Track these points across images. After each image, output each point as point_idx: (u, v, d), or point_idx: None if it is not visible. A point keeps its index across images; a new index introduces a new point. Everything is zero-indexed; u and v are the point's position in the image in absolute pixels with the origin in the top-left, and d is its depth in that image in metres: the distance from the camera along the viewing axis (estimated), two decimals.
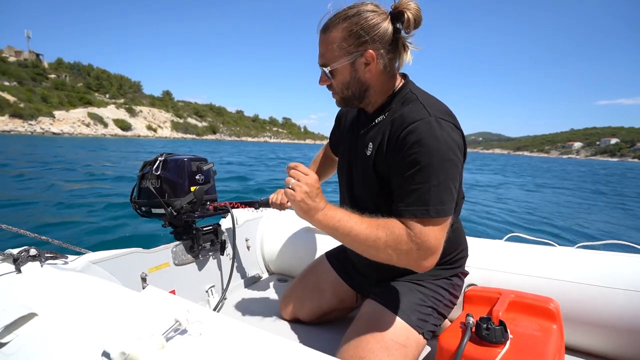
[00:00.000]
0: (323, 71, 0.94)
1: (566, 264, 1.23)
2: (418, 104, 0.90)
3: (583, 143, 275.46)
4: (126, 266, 1.16)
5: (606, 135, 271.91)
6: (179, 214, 1.34)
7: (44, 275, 0.81)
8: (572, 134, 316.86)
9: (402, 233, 0.81)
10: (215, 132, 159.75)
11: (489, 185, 13.96)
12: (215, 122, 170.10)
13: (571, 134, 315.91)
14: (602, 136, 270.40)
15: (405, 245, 0.81)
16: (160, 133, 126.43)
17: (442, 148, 0.82)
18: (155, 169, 1.34)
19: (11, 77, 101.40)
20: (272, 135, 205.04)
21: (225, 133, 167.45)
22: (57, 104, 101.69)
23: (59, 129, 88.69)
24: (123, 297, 0.70)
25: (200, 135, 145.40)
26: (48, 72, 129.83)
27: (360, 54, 0.89)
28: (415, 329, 0.96)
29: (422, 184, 0.81)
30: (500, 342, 0.82)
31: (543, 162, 69.94)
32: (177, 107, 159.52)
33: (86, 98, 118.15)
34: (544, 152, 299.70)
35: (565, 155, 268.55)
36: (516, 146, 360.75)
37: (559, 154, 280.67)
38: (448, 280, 1.07)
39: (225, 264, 1.61)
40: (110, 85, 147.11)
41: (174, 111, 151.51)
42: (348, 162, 1.11)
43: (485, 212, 7.29)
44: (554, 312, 0.96)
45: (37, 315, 0.66)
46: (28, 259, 0.84)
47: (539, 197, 10.91)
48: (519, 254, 1.32)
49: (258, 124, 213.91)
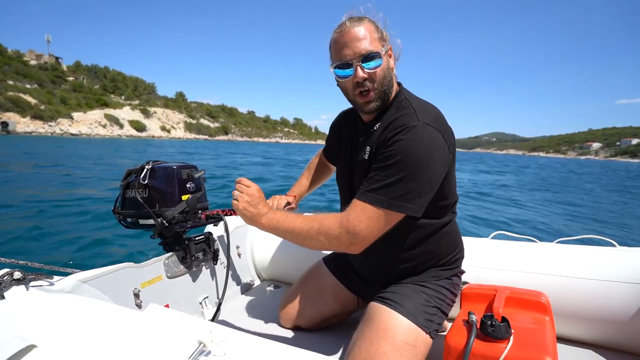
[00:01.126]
0: (366, 59, 0.92)
1: (549, 258, 1.30)
2: (410, 110, 0.93)
3: (602, 143, 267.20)
4: (118, 283, 1.10)
5: (627, 135, 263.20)
6: (170, 224, 1.27)
7: (32, 300, 0.75)
8: (591, 134, 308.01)
9: (333, 222, 0.88)
10: (227, 133, 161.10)
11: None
12: (227, 122, 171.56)
13: (589, 134, 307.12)
14: (622, 136, 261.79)
15: (335, 231, 0.88)
16: (173, 134, 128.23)
17: (419, 150, 0.85)
18: (142, 177, 1.26)
19: (32, 79, 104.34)
20: (283, 135, 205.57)
21: (237, 134, 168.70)
22: (75, 106, 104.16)
23: (77, 130, 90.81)
24: (125, 318, 0.66)
25: (213, 136, 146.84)
26: (67, 75, 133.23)
27: (386, 48, 0.95)
28: (423, 329, 0.99)
29: (389, 177, 0.85)
30: (505, 337, 0.84)
31: (562, 164, 68.59)
32: (190, 108, 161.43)
33: (103, 100, 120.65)
34: (561, 153, 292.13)
35: (583, 156, 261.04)
36: (531, 147, 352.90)
37: (577, 154, 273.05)
38: (449, 280, 1.11)
39: (218, 274, 1.57)
40: (126, 87, 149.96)
41: (187, 112, 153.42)
42: (349, 170, 1.14)
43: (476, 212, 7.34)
44: (545, 305, 1.01)
45: (36, 346, 0.59)
46: (12, 283, 0.77)
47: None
48: (505, 251, 1.37)
49: (269, 124, 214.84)
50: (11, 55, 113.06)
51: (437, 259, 1.08)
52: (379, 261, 1.01)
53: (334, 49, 0.97)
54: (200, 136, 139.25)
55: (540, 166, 45.23)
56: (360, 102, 0.99)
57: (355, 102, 1.02)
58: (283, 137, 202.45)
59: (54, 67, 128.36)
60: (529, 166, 43.10)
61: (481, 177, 19.36)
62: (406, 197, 0.85)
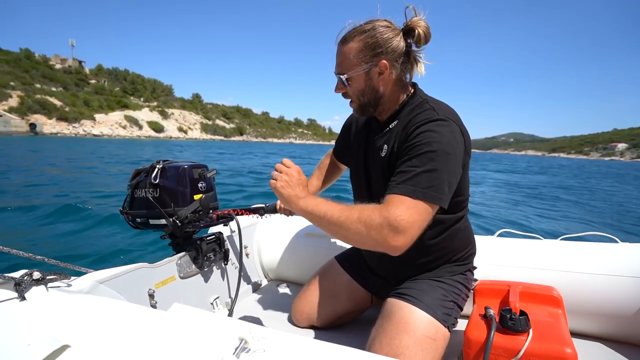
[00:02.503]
0: (340, 79, 1.00)
1: (555, 255, 1.33)
2: (428, 107, 0.97)
3: (628, 144, 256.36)
4: (133, 283, 1.11)
5: None
6: (182, 224, 1.27)
7: (53, 301, 0.74)
8: (616, 134, 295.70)
9: (374, 211, 0.85)
10: (242, 134, 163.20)
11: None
12: (242, 123, 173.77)
13: (614, 134, 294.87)
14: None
15: (376, 221, 0.83)
16: (190, 134, 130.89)
17: (444, 141, 0.87)
18: (153, 177, 1.26)
19: (57, 82, 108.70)
20: (297, 136, 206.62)
21: (251, 134, 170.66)
22: (97, 108, 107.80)
23: (99, 131, 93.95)
24: (151, 319, 0.66)
25: (228, 137, 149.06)
26: (89, 78, 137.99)
27: (374, 64, 0.96)
28: (442, 322, 1.01)
29: (417, 167, 0.86)
30: (525, 330, 0.86)
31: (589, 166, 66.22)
32: (206, 109, 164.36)
33: (123, 101, 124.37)
34: (583, 154, 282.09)
35: (607, 157, 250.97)
36: (551, 147, 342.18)
37: (600, 155, 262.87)
38: (463, 275, 1.14)
39: (229, 274, 1.58)
40: (145, 89, 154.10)
41: (203, 113, 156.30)
42: (365, 167, 1.15)
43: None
44: (558, 298, 1.03)
45: (69, 347, 0.59)
46: (32, 283, 0.76)
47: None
48: (511, 249, 1.40)
49: (284, 125, 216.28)
50: (38, 60, 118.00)
51: (452, 254, 1.11)
52: (397, 257, 1.01)
53: None
54: (216, 137, 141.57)
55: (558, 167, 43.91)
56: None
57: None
58: (297, 138, 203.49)
59: (77, 71, 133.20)
60: (552, 166, 42.19)
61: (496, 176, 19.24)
62: (438, 187, 0.86)
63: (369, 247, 0.87)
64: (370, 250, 0.94)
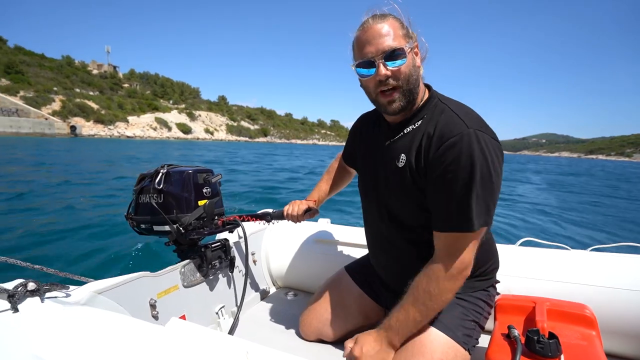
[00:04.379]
0: (390, 56, 0.87)
1: (584, 267, 1.21)
2: (453, 115, 0.89)
3: None
4: (134, 293, 1.06)
5: None
6: (186, 231, 1.23)
7: (48, 314, 0.70)
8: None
9: (439, 277, 0.84)
10: (266, 135, 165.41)
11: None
12: (266, 124, 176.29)
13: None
14: None
15: (448, 285, 0.85)
16: (216, 136, 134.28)
17: (482, 163, 0.82)
18: (157, 182, 1.22)
19: (94, 87, 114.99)
20: (320, 137, 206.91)
21: (275, 135, 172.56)
22: (130, 110, 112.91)
23: (132, 132, 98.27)
24: (147, 334, 0.63)
25: (253, 138, 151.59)
26: (122, 82, 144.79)
27: (412, 44, 0.90)
28: (462, 345, 0.94)
29: (462, 199, 0.82)
30: (555, 356, 0.77)
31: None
32: (232, 110, 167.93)
33: (153, 104, 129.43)
34: (625, 156, 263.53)
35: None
36: (588, 149, 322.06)
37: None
38: (485, 291, 1.06)
39: (234, 282, 1.52)
40: (173, 92, 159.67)
41: (229, 115, 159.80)
42: (372, 173, 1.09)
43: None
44: (591, 318, 0.93)
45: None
46: (26, 294, 0.73)
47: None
48: (535, 259, 1.30)
49: (307, 126, 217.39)
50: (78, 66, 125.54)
51: (474, 269, 1.00)
52: (414, 272, 0.95)
53: (356, 47, 0.93)
54: (241, 138, 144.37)
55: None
56: (383, 102, 0.94)
57: (378, 102, 0.97)
58: (320, 139, 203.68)
59: (112, 75, 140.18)
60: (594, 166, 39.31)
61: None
62: (487, 213, 0.83)
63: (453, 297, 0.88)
64: (383, 265, 0.91)
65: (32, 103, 67.09)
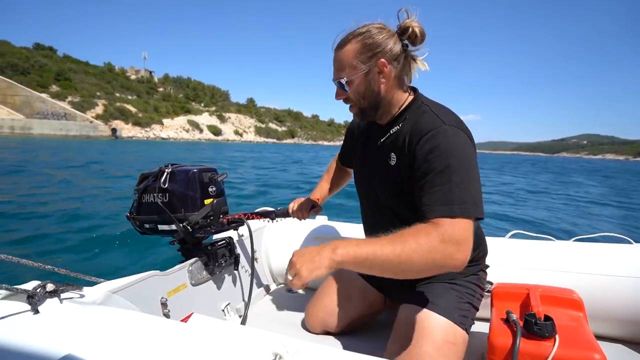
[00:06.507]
0: (339, 84, 0.99)
1: (570, 256, 1.31)
2: (431, 114, 0.96)
3: None
4: (146, 292, 1.08)
5: None
6: (193, 230, 1.24)
7: (68, 313, 0.70)
8: None
9: (427, 233, 0.80)
10: (293, 136, 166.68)
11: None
12: (293, 126, 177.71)
13: None
14: None
15: (434, 240, 0.80)
16: (245, 137, 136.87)
17: (459, 151, 0.87)
18: (162, 181, 1.23)
19: (132, 91, 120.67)
20: None
21: (302, 137, 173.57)
22: (165, 113, 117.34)
23: (166, 134, 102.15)
24: (172, 331, 0.63)
25: (280, 139, 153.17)
26: (157, 86, 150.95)
27: (373, 64, 0.96)
28: (460, 325, 1.00)
29: (443, 185, 0.84)
30: (551, 336, 0.83)
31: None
32: (260, 113, 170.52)
33: (186, 107, 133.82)
34: None
35: None
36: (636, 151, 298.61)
37: None
38: (476, 275, 1.14)
39: (239, 279, 1.56)
40: (204, 94, 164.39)
41: (257, 117, 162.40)
42: (368, 172, 1.14)
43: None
44: (579, 302, 1.02)
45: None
46: (45, 295, 0.73)
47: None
48: (525, 250, 1.39)
49: (333, 127, 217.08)
50: (118, 72, 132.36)
51: None
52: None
53: None
54: (269, 139, 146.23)
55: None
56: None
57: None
58: None
59: (148, 80, 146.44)
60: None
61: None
62: (471, 200, 0.84)
63: (434, 272, 0.82)
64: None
65: (79, 107, 71.44)
